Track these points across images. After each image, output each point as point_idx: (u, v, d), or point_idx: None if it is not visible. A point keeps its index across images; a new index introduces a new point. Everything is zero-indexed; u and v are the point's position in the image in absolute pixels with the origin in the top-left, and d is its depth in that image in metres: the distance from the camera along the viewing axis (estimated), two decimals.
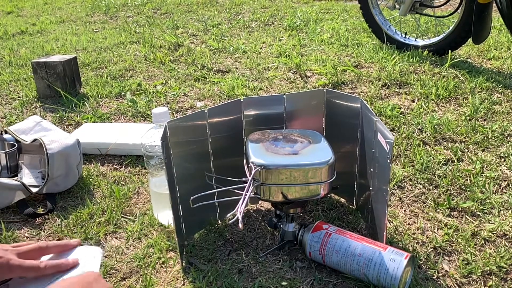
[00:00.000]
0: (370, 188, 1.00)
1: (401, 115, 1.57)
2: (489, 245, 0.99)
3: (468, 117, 1.52)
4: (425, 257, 0.96)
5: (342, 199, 1.16)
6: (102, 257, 0.88)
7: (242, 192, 0.88)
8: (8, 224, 1.13)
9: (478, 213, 1.09)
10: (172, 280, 0.93)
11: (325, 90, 1.09)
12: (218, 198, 0.93)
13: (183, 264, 0.97)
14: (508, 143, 1.37)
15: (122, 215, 1.15)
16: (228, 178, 0.96)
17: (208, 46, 2.53)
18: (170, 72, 2.12)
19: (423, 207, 1.12)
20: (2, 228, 1.10)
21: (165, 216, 1.09)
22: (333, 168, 0.92)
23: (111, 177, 1.32)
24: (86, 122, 1.65)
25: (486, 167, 1.26)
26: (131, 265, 0.98)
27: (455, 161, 1.29)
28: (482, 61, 2.08)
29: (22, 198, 1.18)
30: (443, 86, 1.72)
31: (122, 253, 1.02)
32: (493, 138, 1.39)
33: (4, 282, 0.75)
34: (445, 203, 1.12)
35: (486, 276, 0.91)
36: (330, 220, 1.08)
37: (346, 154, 1.08)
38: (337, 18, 3.02)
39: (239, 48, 2.41)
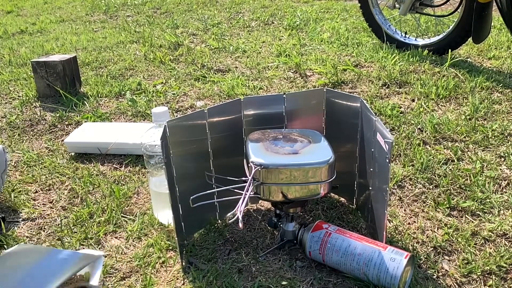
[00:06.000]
0: (370, 188, 1.00)
1: (401, 114, 1.57)
2: (489, 245, 0.99)
3: (468, 117, 1.52)
4: (425, 256, 0.96)
5: (342, 199, 1.16)
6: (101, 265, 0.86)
7: (242, 192, 0.88)
8: (8, 224, 1.13)
9: (478, 212, 1.09)
10: (172, 280, 0.93)
11: (325, 90, 1.09)
12: (218, 197, 0.93)
13: (183, 263, 0.97)
14: (508, 142, 1.37)
15: (122, 214, 1.15)
16: (228, 178, 0.96)
17: (208, 45, 2.52)
18: (170, 72, 2.11)
19: (423, 206, 1.12)
20: (2, 228, 1.10)
21: (165, 215, 1.09)
22: (333, 167, 0.92)
23: (111, 177, 1.32)
24: (86, 122, 1.65)
25: (486, 166, 1.26)
26: (131, 265, 0.98)
27: (455, 160, 1.29)
28: (482, 60, 2.08)
29: None
30: (443, 85, 1.72)
31: (122, 252, 1.02)
32: (493, 137, 1.39)
33: None
34: (445, 202, 1.12)
35: (486, 275, 0.91)
36: (330, 219, 1.08)
37: (346, 154, 1.08)
38: (337, 17, 3.02)
39: (239, 47, 2.41)
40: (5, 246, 1.05)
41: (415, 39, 2.19)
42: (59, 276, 0.77)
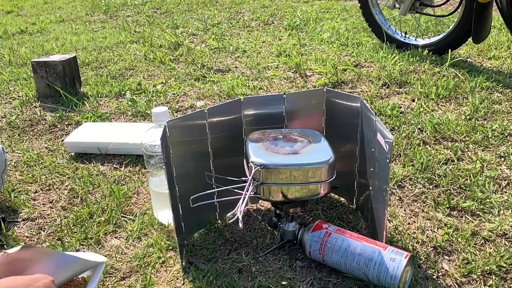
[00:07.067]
0: (370, 188, 1.00)
1: (401, 114, 1.57)
2: (489, 245, 0.99)
3: (468, 117, 1.52)
4: (425, 256, 0.96)
5: (342, 199, 1.16)
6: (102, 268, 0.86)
7: (242, 192, 0.88)
8: (8, 224, 1.13)
9: (478, 212, 1.09)
10: (172, 280, 0.93)
11: (325, 90, 1.09)
12: (218, 197, 0.93)
13: (183, 263, 0.97)
14: (508, 142, 1.37)
15: (122, 214, 1.15)
16: (228, 178, 0.96)
17: (208, 45, 2.52)
18: (170, 72, 2.11)
19: (423, 206, 1.12)
20: (2, 228, 1.10)
21: (165, 215, 1.09)
22: (333, 167, 0.92)
23: (111, 177, 1.32)
24: (86, 122, 1.65)
25: (486, 166, 1.26)
26: (131, 265, 0.98)
27: (455, 160, 1.29)
28: (482, 60, 2.08)
29: None
30: (443, 85, 1.72)
31: (122, 252, 1.02)
32: (493, 137, 1.39)
33: None
34: (445, 202, 1.12)
35: (486, 275, 0.91)
36: (330, 219, 1.08)
37: (346, 154, 1.08)
38: (337, 17, 3.02)
39: (239, 47, 2.41)
40: (5, 246, 1.05)
41: (415, 39, 2.19)
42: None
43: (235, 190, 0.91)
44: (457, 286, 0.89)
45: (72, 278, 0.83)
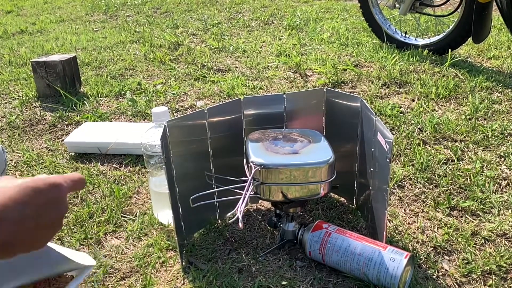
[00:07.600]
0: (370, 188, 1.00)
1: (401, 114, 1.57)
2: (489, 245, 0.99)
3: (468, 117, 1.52)
4: (425, 256, 0.96)
5: (342, 199, 1.16)
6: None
7: (242, 192, 0.88)
8: None
9: (478, 212, 1.09)
10: (172, 280, 0.93)
11: (325, 90, 1.09)
12: (218, 197, 0.93)
13: (183, 263, 0.97)
14: (508, 142, 1.37)
15: (122, 214, 1.15)
16: (228, 178, 0.96)
17: (208, 45, 2.52)
18: (170, 72, 2.11)
19: (423, 206, 1.12)
20: None
21: (165, 215, 1.09)
22: (333, 167, 0.92)
23: (111, 177, 1.32)
24: (86, 122, 1.65)
25: (486, 166, 1.26)
26: (131, 265, 0.98)
27: (455, 160, 1.29)
28: (482, 60, 2.08)
29: None
30: (443, 85, 1.72)
31: (122, 252, 1.02)
32: (493, 137, 1.39)
33: None
34: (445, 202, 1.12)
35: (486, 275, 0.91)
36: (330, 219, 1.08)
37: (346, 154, 1.08)
38: (337, 17, 3.02)
39: (239, 47, 2.41)
40: None
41: (415, 39, 2.19)
42: (34, 273, 0.74)
43: (235, 190, 0.91)
44: (457, 286, 0.89)
45: (55, 276, 0.81)
